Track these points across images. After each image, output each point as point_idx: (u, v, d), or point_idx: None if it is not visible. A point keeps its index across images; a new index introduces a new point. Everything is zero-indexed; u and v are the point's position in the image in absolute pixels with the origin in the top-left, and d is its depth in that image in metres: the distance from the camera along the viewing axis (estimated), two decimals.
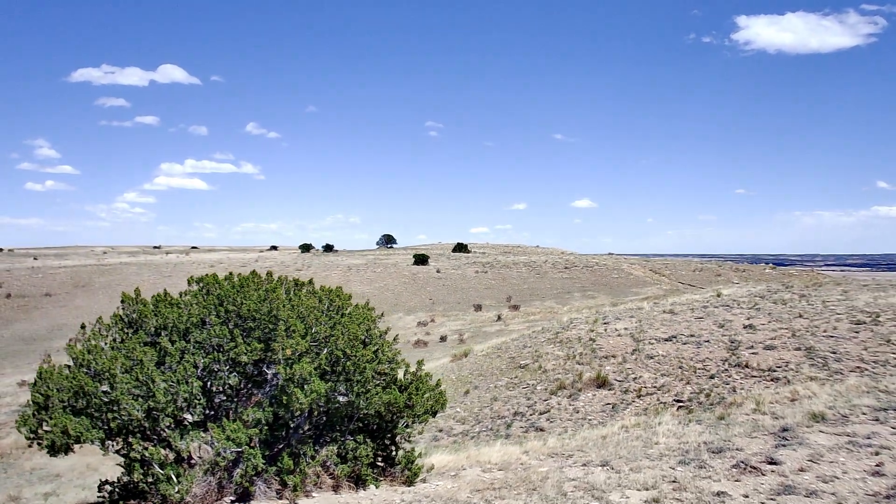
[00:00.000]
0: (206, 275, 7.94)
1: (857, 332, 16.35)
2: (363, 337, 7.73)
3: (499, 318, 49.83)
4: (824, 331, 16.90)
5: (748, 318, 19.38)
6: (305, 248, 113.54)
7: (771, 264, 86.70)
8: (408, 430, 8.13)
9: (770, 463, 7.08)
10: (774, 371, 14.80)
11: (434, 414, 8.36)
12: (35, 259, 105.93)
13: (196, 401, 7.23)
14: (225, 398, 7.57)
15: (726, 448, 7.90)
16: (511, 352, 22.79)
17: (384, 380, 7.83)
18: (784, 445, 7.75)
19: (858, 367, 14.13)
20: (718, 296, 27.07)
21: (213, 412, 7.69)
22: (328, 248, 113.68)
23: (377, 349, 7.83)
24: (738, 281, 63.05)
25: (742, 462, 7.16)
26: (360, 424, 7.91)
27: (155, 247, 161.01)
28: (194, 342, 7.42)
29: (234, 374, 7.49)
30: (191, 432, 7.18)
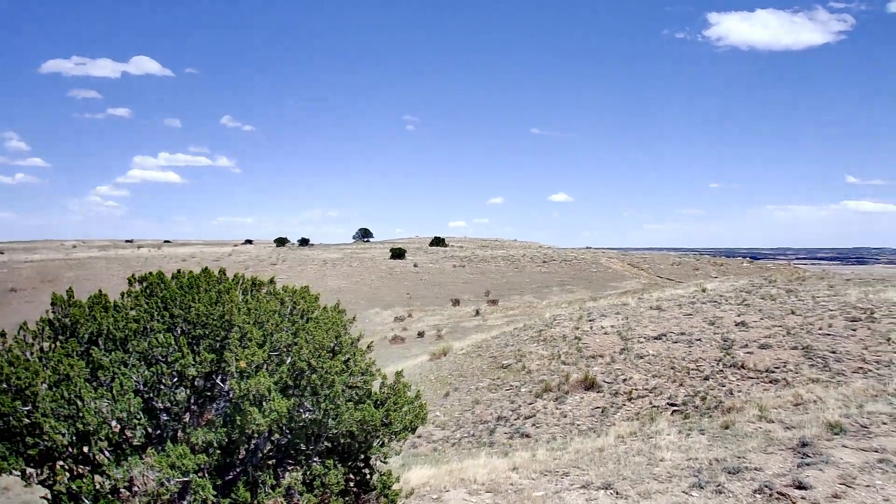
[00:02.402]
0: (150, 273, 6.86)
1: (854, 330, 15.67)
2: (332, 345, 6.71)
3: (477, 312, 48.94)
4: (820, 328, 16.20)
5: (739, 315, 18.65)
6: (281, 241, 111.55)
7: (748, 258, 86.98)
8: (384, 449, 7.12)
9: (798, 487, 6.21)
10: (772, 372, 14.03)
11: (413, 430, 7.38)
12: (1, 253, 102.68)
13: (136, 421, 6.16)
14: (171, 417, 6.51)
15: (743, 467, 7.02)
16: (492, 350, 21.85)
17: (357, 394, 6.82)
18: (808, 464, 6.90)
19: (861, 368, 13.42)
20: (703, 291, 26.41)
21: (158, 431, 6.63)
22: (304, 242, 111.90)
23: (348, 359, 6.81)
24: (716, 275, 62.82)
25: (766, 486, 6.28)
26: (329, 445, 6.89)
27: (127, 240, 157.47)
28: (134, 352, 6.35)
29: (182, 388, 6.44)
30: (129, 458, 6.10)
